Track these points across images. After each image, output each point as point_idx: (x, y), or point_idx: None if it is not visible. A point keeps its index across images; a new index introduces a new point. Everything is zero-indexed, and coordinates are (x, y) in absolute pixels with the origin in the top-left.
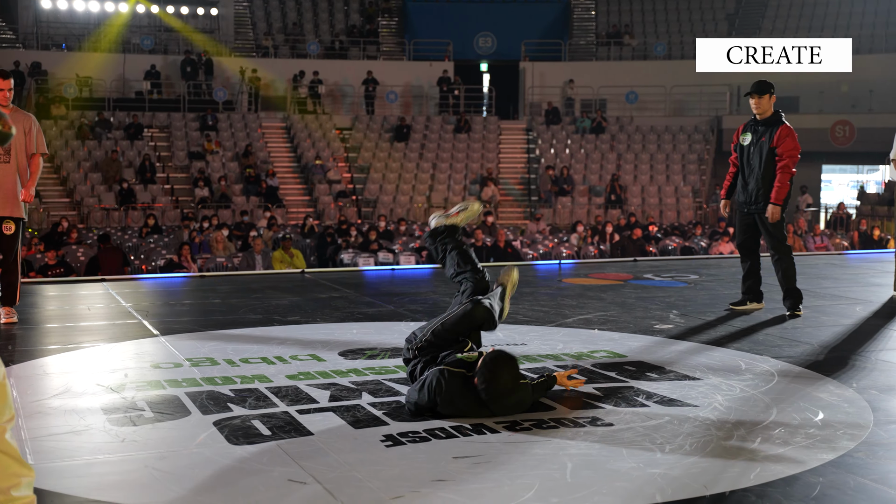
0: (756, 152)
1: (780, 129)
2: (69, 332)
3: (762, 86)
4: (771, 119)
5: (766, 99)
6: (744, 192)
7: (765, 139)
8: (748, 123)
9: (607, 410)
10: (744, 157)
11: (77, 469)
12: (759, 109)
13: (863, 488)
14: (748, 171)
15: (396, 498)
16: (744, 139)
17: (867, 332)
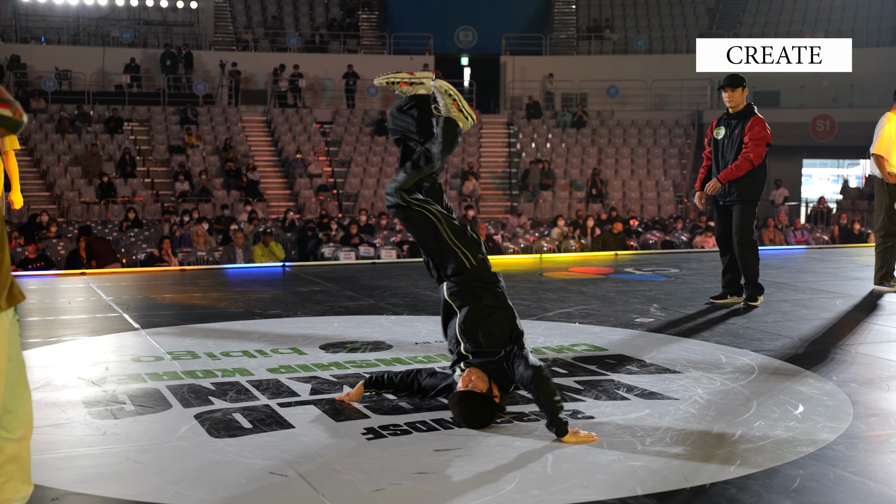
0: (730, 145)
1: (751, 120)
2: (50, 326)
3: (734, 79)
4: (743, 112)
5: (738, 92)
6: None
7: (737, 132)
8: (721, 118)
9: (588, 403)
10: (718, 151)
11: (58, 462)
12: (732, 103)
13: (843, 481)
14: (722, 164)
15: (377, 490)
16: (717, 133)
17: (847, 326)
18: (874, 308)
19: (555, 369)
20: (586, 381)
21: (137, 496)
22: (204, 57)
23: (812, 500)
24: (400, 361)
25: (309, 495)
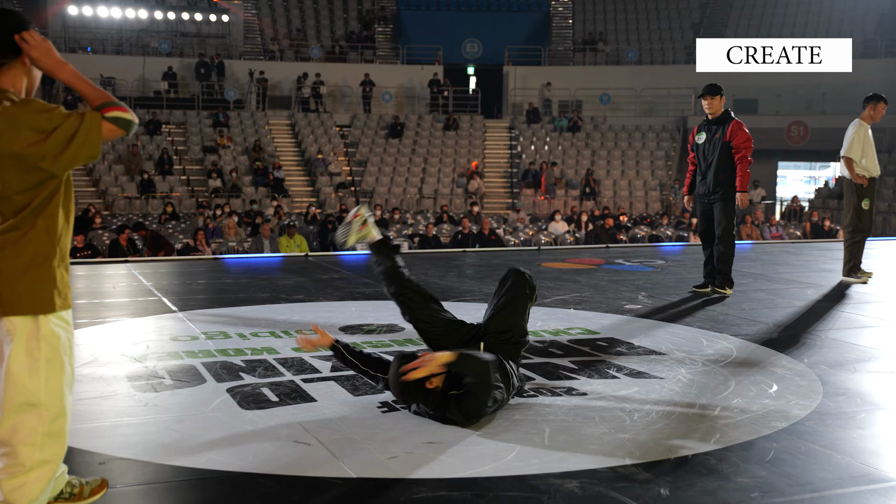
0: (711, 148)
1: (731, 125)
2: (96, 309)
3: (713, 88)
4: (722, 117)
5: (717, 99)
6: (703, 184)
7: (718, 135)
8: (701, 124)
9: (582, 381)
10: (700, 154)
11: (105, 430)
12: (711, 109)
13: (813, 453)
14: (705, 166)
15: (391, 458)
16: (699, 138)
17: (817, 313)
18: (842, 297)
19: (552, 350)
20: (580, 361)
21: (175, 461)
22: (234, 66)
23: (785, 470)
24: (411, 342)
25: (329, 461)
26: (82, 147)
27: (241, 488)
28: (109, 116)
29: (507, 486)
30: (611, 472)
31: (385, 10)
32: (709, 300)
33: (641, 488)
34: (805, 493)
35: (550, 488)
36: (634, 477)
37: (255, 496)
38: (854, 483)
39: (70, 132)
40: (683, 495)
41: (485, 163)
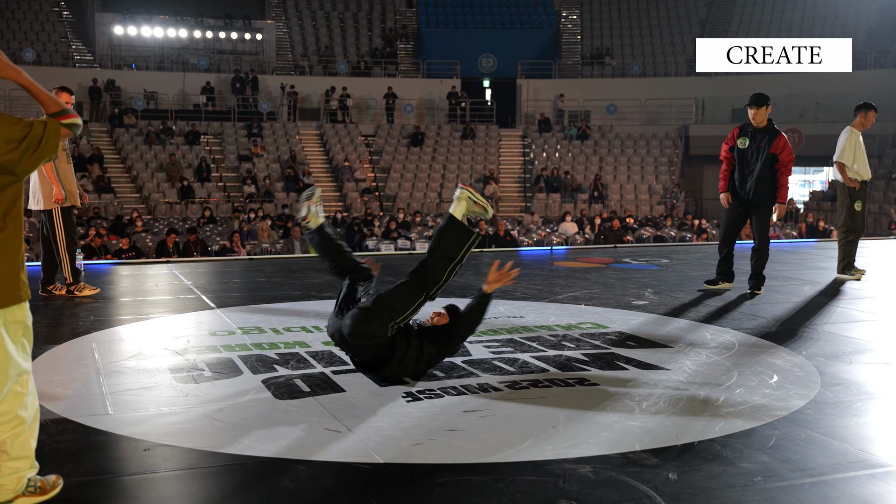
0: (755, 156)
1: (778, 138)
2: (140, 305)
3: (760, 98)
4: (767, 128)
5: (763, 110)
6: (741, 189)
7: (763, 145)
8: (743, 128)
9: (593, 373)
10: (741, 159)
11: (149, 419)
12: (758, 119)
13: (811, 440)
14: (746, 172)
15: (416, 445)
16: (742, 143)
17: (814, 308)
18: (837, 293)
19: (564, 343)
20: (591, 353)
21: (214, 448)
22: (267, 80)
23: (786, 456)
24: None
25: (358, 447)
26: (45, 150)
27: (276, 473)
28: (66, 123)
29: (525, 471)
30: (622, 457)
31: (406, 27)
32: (711, 296)
33: (651, 473)
34: (805, 477)
35: (565, 473)
36: (644, 462)
37: (289, 480)
38: (851, 468)
39: (37, 138)
40: (690, 479)
41: (500, 169)
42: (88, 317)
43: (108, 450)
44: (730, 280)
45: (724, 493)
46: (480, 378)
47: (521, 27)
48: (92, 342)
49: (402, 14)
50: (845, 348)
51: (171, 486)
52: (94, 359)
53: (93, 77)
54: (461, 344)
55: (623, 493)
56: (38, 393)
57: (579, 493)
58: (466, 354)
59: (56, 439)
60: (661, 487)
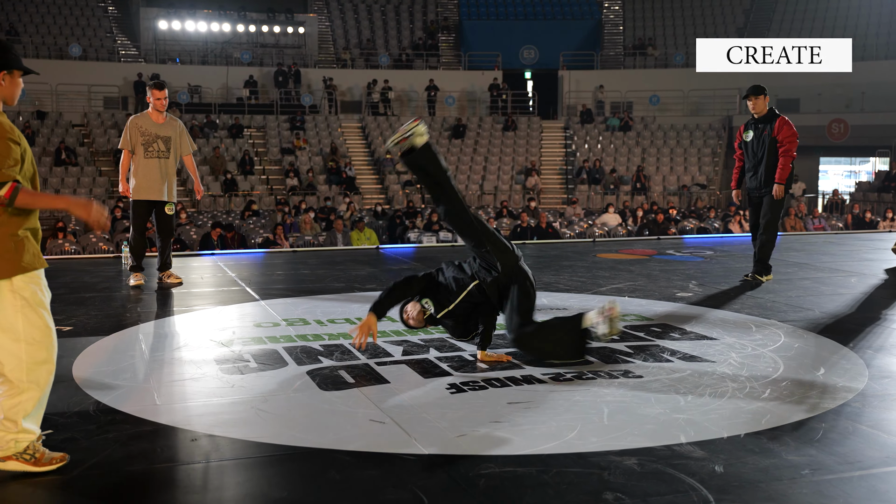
0: (759, 145)
1: (778, 121)
2: (186, 298)
3: (757, 88)
4: (768, 115)
5: (761, 99)
6: (753, 179)
7: (766, 132)
8: (748, 122)
9: (637, 365)
10: (749, 151)
11: (197, 409)
12: (756, 108)
13: (859, 432)
14: (755, 162)
15: (460, 436)
16: (746, 136)
17: (861, 300)
18: (884, 285)
19: None
20: (635, 346)
21: (260, 438)
22: (310, 74)
23: (834, 449)
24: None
25: (402, 438)
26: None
27: (321, 463)
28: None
29: (570, 463)
30: (667, 449)
31: (448, 20)
32: (758, 288)
33: (697, 465)
34: (854, 470)
35: (610, 465)
36: (690, 454)
37: (335, 470)
38: None
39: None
40: (737, 472)
41: (541, 160)
42: (135, 308)
43: (156, 440)
44: (768, 272)
45: (771, 485)
46: (524, 370)
47: (563, 18)
48: (139, 333)
49: (444, 6)
50: (893, 340)
51: (219, 476)
52: (142, 350)
53: (137, 72)
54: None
55: (669, 485)
56: (87, 382)
57: (625, 485)
58: (510, 347)
59: (105, 429)
60: (708, 480)
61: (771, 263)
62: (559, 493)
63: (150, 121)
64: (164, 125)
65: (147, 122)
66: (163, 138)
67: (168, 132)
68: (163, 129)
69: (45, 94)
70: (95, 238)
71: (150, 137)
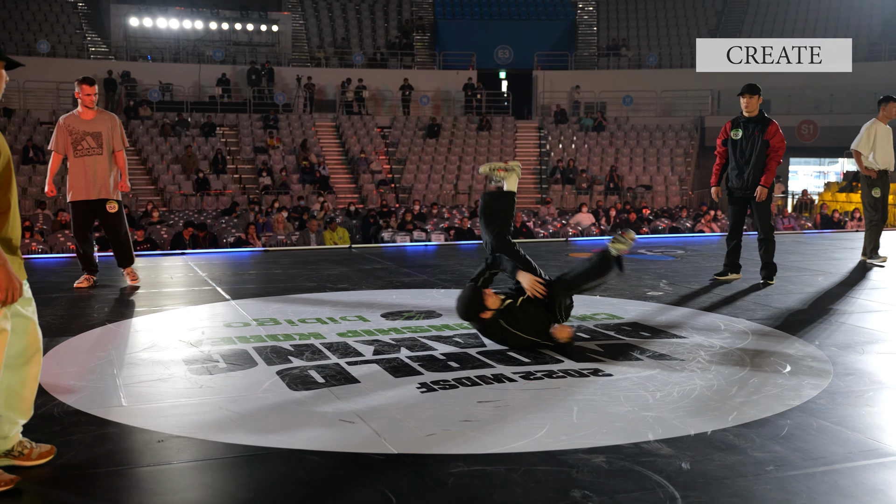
0: (749, 145)
1: (771, 125)
2: (155, 297)
3: (753, 88)
4: (759, 117)
5: (755, 99)
6: (738, 179)
7: (757, 133)
8: (736, 120)
9: (607, 363)
10: (736, 150)
11: (163, 410)
12: (750, 108)
13: (824, 429)
14: (742, 162)
15: (430, 435)
16: (735, 134)
17: (828, 299)
18: (851, 284)
19: (579, 334)
20: (606, 344)
21: (228, 439)
22: (283, 72)
23: (798, 445)
24: (448, 327)
25: (372, 438)
26: None
27: (290, 464)
28: None
29: (539, 461)
30: (635, 447)
31: (423, 19)
32: (726, 287)
33: (664, 462)
34: (817, 466)
35: (579, 463)
36: (657, 452)
37: (303, 471)
38: (863, 457)
39: None
40: (703, 469)
41: (516, 160)
42: (103, 308)
43: (121, 441)
44: (737, 271)
45: (736, 482)
46: (495, 369)
47: (538, 19)
48: (106, 334)
49: (419, 5)
50: (858, 338)
51: (185, 478)
52: (109, 350)
53: (108, 69)
54: None
55: (636, 482)
56: (52, 383)
57: (593, 483)
58: (481, 346)
59: (69, 431)
60: (675, 477)
61: (741, 263)
62: (527, 492)
63: (78, 118)
64: (93, 121)
65: (75, 120)
66: (92, 134)
67: (98, 128)
68: (92, 124)
69: (13, 91)
70: (64, 238)
71: (78, 135)
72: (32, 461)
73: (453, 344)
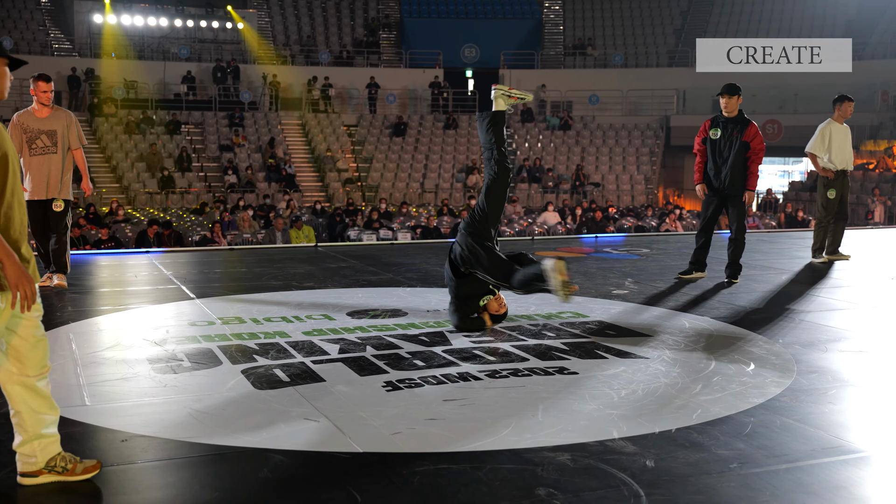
0: (727, 145)
1: (750, 127)
2: (119, 296)
3: (732, 88)
4: (738, 117)
5: (734, 99)
6: (716, 179)
7: (736, 134)
8: (715, 119)
9: (573, 362)
10: (714, 150)
11: (127, 409)
12: (729, 108)
13: (787, 427)
14: (720, 161)
15: (395, 434)
16: (713, 134)
17: (792, 297)
18: (814, 282)
19: (545, 332)
20: (571, 342)
21: (193, 438)
22: (249, 70)
23: (762, 443)
24: (414, 326)
25: (337, 437)
26: None
27: (254, 463)
28: None
29: (504, 459)
30: (600, 445)
31: (389, 17)
32: (691, 285)
33: (629, 460)
34: (780, 463)
35: (544, 461)
36: (622, 450)
37: (268, 470)
38: (826, 454)
39: None
40: (667, 466)
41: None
42: (66, 307)
43: (85, 441)
44: (702, 269)
45: (700, 479)
46: (460, 367)
47: (504, 18)
48: (69, 333)
49: (385, 4)
50: (821, 336)
51: (149, 477)
52: (72, 349)
53: (71, 66)
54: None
55: (601, 480)
56: None
57: (558, 480)
58: (447, 344)
59: None
60: (639, 475)
61: (707, 262)
62: (492, 490)
63: (34, 116)
64: (48, 119)
65: (30, 117)
66: (47, 132)
67: (53, 125)
68: (47, 122)
69: None
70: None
71: (32, 133)
72: (77, 476)
73: (419, 342)
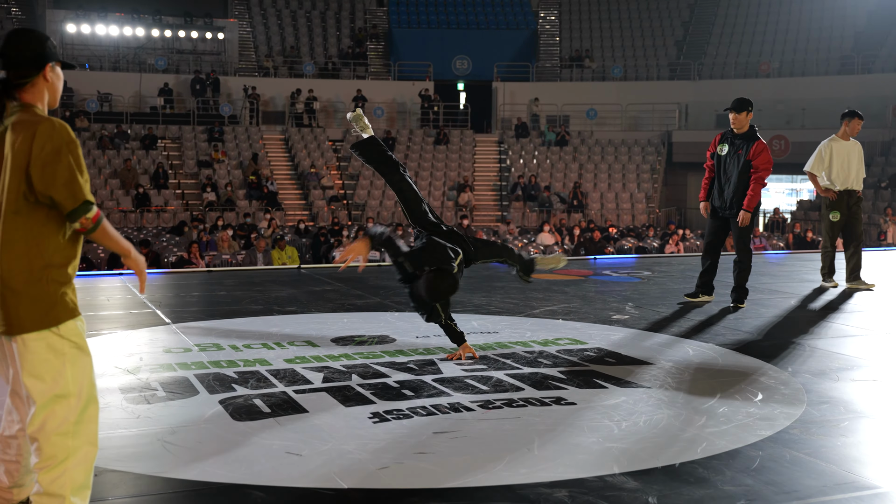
0: (732, 163)
1: (756, 144)
2: (90, 321)
3: (742, 103)
4: (747, 134)
5: (743, 115)
6: (719, 198)
7: (741, 152)
8: (725, 135)
9: (570, 391)
10: (720, 166)
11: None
12: (737, 124)
13: (797, 461)
14: (724, 179)
15: (382, 468)
16: (721, 149)
17: (801, 323)
18: (824, 307)
19: (540, 360)
20: (569, 371)
21: (167, 473)
22: (229, 82)
23: (771, 478)
24: (402, 353)
25: (320, 472)
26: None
27: (233, 500)
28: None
29: (497, 496)
30: (599, 480)
31: (377, 27)
32: (695, 310)
33: (629, 497)
34: (790, 500)
35: (539, 497)
36: (623, 486)
37: None
38: (838, 490)
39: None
40: (671, 503)
41: (474, 176)
42: None
43: None
44: (709, 293)
45: None
46: (452, 397)
47: (497, 28)
48: None
49: (373, 13)
50: (832, 365)
51: None
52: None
53: None
54: None
55: None
56: None
57: None
58: (437, 372)
59: None
60: None
61: (714, 285)
62: None
63: None
64: None
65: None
66: None
67: None
68: None
69: None
70: None
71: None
72: None
73: (407, 371)
